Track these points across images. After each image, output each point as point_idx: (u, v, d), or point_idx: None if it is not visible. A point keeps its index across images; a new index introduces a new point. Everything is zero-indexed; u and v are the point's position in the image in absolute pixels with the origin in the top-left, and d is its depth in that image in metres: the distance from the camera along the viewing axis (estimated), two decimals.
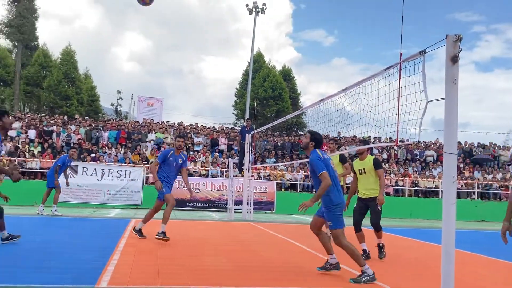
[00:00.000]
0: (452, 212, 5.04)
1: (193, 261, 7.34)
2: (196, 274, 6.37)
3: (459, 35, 5.06)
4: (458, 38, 5.07)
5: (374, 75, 7.14)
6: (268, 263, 7.49)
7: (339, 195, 6.52)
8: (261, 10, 35.78)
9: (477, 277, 7.20)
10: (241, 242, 9.95)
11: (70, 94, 37.40)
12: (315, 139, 6.78)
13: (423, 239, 11.95)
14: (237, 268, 7.02)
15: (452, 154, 5.08)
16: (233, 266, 7.12)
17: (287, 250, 9.01)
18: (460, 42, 5.09)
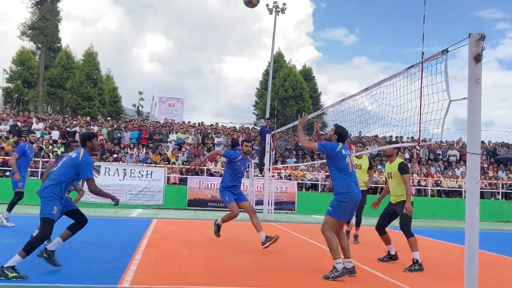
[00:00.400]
0: (476, 213, 4.97)
1: (214, 261, 7.37)
2: (217, 275, 6.39)
3: (482, 34, 4.98)
4: (481, 36, 4.99)
5: (396, 75, 7.08)
6: (289, 264, 7.48)
7: (349, 187, 6.43)
8: (281, 10, 35.71)
9: (502, 279, 7.08)
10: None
11: (92, 95, 37.84)
12: (339, 133, 6.82)
13: (446, 240, 11.80)
14: (258, 268, 7.02)
15: (476, 154, 5.01)
16: (254, 267, 7.13)
17: (308, 251, 8.99)
18: (483, 41, 5.02)
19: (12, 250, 6.10)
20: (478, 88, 5.04)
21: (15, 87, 40.94)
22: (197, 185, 19.35)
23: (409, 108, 6.90)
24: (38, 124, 22.62)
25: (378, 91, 8.05)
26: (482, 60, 5.02)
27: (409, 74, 6.66)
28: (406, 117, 7.18)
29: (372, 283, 6.37)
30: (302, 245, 9.75)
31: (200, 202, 19.08)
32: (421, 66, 6.14)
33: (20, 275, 5.57)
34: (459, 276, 5.43)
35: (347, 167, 6.53)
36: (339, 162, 6.50)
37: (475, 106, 5.02)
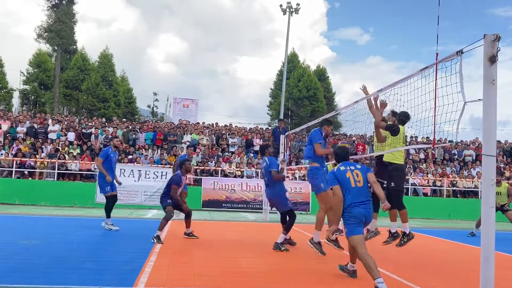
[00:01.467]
0: (492, 215, 4.93)
1: (229, 263, 7.39)
2: (231, 276, 6.41)
3: (497, 35, 4.93)
4: (497, 37, 4.94)
5: (410, 76, 7.04)
6: (303, 266, 7.47)
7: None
8: (295, 10, 35.67)
9: None
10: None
11: (107, 96, 38.16)
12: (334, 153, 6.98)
13: (462, 241, 11.70)
14: (272, 270, 7.03)
15: (491, 156, 4.96)
16: (268, 269, 7.14)
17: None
18: (498, 42, 4.97)
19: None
20: (494, 89, 4.99)
21: (32, 89, 41.46)
22: (211, 186, 19.40)
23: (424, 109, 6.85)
24: (54, 126, 22.84)
25: (392, 92, 8.01)
26: (498, 60, 4.97)
27: (423, 75, 6.61)
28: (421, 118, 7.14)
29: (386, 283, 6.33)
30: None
31: (215, 203, 19.12)
32: (436, 67, 6.09)
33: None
34: (474, 278, 5.38)
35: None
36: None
37: (490, 108, 4.97)
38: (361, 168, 6.48)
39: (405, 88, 7.35)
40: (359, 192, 6.26)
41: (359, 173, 6.38)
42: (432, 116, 6.27)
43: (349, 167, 6.43)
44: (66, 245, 8.64)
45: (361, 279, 6.54)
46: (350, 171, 6.37)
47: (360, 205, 6.17)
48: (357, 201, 6.18)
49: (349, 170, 6.38)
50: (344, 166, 6.45)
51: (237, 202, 19.33)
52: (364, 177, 6.36)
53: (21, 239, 8.99)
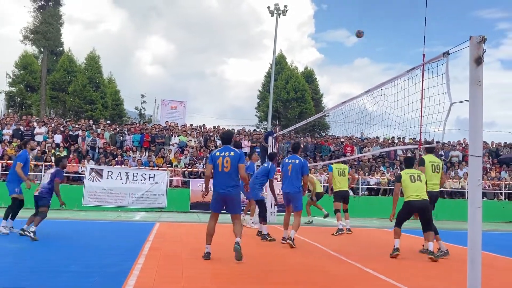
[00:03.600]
0: (478, 216, 4.97)
1: (218, 265, 7.37)
2: (220, 278, 6.40)
3: (483, 36, 4.98)
4: (482, 39, 4.99)
5: (397, 77, 7.09)
6: (291, 267, 7.48)
7: None
8: (282, 12, 35.69)
9: (504, 281, 7.06)
10: (265, 245, 9.95)
11: (94, 98, 37.93)
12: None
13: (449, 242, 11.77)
14: (261, 272, 7.02)
15: (477, 156, 5.01)
16: (257, 270, 7.13)
17: (311, 254, 8.97)
18: (484, 43, 5.02)
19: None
20: (480, 90, 5.04)
21: (18, 91, 41.09)
22: (200, 188, 19.33)
23: (411, 110, 6.91)
24: (40, 128, 22.65)
25: (379, 93, 8.07)
26: (484, 61, 5.02)
27: (410, 76, 6.67)
28: (407, 118, 7.20)
29: (374, 283, 6.37)
30: (305, 248, 9.74)
31: (203, 205, 19.01)
32: (422, 68, 6.14)
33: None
34: (461, 278, 5.42)
35: None
36: None
37: (476, 109, 5.02)
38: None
39: (392, 89, 7.42)
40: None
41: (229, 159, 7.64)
42: (419, 117, 6.32)
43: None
44: (53, 248, 8.57)
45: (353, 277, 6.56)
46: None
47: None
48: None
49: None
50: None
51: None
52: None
53: (7, 242, 8.90)
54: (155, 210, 18.70)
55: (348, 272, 7.20)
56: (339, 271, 7.17)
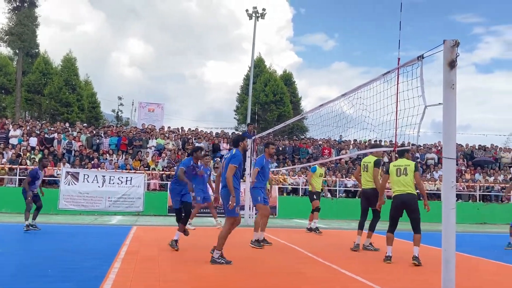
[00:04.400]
0: (452, 217, 5.05)
1: (195, 268, 7.34)
2: (197, 281, 6.37)
3: (456, 40, 5.07)
4: (456, 43, 5.08)
5: (373, 80, 7.16)
6: (271, 270, 7.48)
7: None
8: (261, 15, 35.83)
9: (478, 281, 7.18)
10: (243, 248, 9.93)
11: (71, 101, 37.44)
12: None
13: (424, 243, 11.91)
14: (240, 274, 7.02)
15: (451, 159, 5.09)
16: (235, 273, 7.12)
17: (289, 256, 8.99)
18: (457, 47, 5.11)
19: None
20: (453, 93, 5.13)
21: None
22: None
23: (387, 112, 6.98)
24: (15, 131, 22.29)
25: (356, 96, 8.14)
26: (459, 64, 5.11)
27: (386, 79, 6.74)
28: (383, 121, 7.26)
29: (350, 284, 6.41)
30: (283, 250, 9.76)
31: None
32: (397, 71, 6.22)
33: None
34: (436, 279, 5.49)
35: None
36: None
37: (450, 112, 5.10)
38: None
39: (368, 92, 7.48)
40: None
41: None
42: (394, 120, 6.39)
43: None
44: (28, 252, 8.44)
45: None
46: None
47: None
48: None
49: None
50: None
51: (205, 206, 19.17)
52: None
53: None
54: (132, 213, 18.53)
55: (324, 273, 7.24)
56: (315, 273, 7.20)
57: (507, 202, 23.20)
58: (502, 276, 7.71)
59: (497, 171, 25.57)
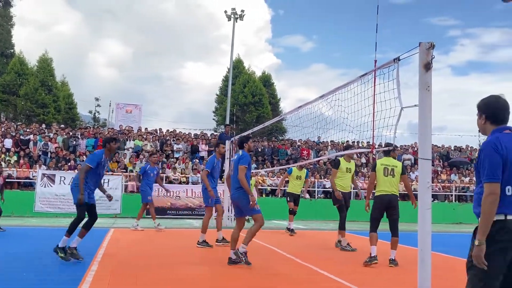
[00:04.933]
0: (428, 217, 5.12)
1: (173, 270, 7.30)
2: (175, 284, 6.34)
3: (432, 43, 5.14)
4: (431, 45, 5.16)
5: (350, 82, 7.22)
6: (248, 270, 7.48)
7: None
8: (239, 17, 35.86)
9: (454, 281, 7.27)
10: (222, 250, 9.92)
11: (47, 102, 36.92)
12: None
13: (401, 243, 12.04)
14: (217, 276, 7.01)
15: (427, 159, 5.16)
16: (213, 275, 7.11)
17: (268, 257, 9.01)
18: (433, 50, 5.18)
19: None
20: (429, 95, 5.20)
21: None
22: (155, 193, 19.03)
23: (365, 114, 7.04)
24: None
25: (334, 98, 8.19)
26: (435, 66, 5.19)
27: (363, 81, 6.80)
28: (361, 123, 7.33)
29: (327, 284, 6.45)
30: (262, 252, 9.77)
31: (159, 210, 18.77)
32: (374, 73, 6.28)
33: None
34: (412, 278, 5.56)
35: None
36: None
37: (425, 113, 5.17)
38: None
39: (346, 94, 7.54)
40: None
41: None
42: (371, 121, 6.45)
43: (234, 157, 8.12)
44: (4, 255, 8.28)
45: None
46: (232, 161, 8.16)
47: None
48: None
49: (232, 160, 8.14)
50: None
51: (182, 209, 19.13)
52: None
53: None
54: (110, 216, 18.33)
55: (301, 274, 7.27)
56: (294, 274, 7.23)
57: None
58: None
59: (473, 172, 25.97)
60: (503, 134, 3.47)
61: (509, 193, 3.33)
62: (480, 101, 3.66)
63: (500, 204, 3.30)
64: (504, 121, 3.55)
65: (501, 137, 3.44)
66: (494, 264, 3.24)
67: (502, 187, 3.33)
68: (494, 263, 3.24)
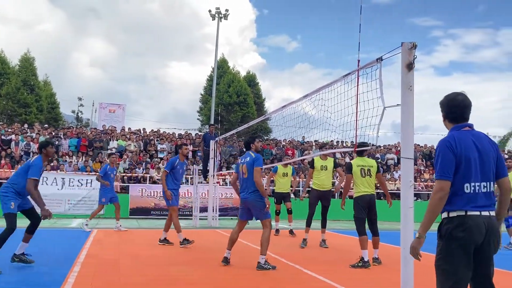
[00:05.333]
0: (410, 216, 5.16)
1: (156, 271, 7.26)
2: (159, 285, 6.30)
3: (414, 43, 5.18)
4: (413, 45, 5.19)
5: (333, 82, 7.25)
6: (230, 270, 7.47)
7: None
8: (224, 16, 35.80)
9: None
10: (206, 250, 9.89)
11: (29, 101, 36.54)
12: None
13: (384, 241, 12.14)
14: (202, 277, 6.98)
15: (409, 159, 5.19)
16: (197, 275, 7.08)
17: (252, 257, 8.99)
18: (415, 50, 5.22)
19: None
20: (411, 94, 5.24)
21: None
22: (139, 193, 18.99)
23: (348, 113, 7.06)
24: None
25: (318, 97, 8.21)
26: (418, 67, 5.23)
27: (346, 81, 6.83)
28: (344, 122, 7.35)
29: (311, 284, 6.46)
30: (247, 252, 9.76)
31: (143, 211, 18.72)
32: (357, 73, 6.30)
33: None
34: (396, 276, 5.59)
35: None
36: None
37: (408, 112, 5.21)
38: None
39: (330, 93, 7.56)
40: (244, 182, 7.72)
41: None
42: (354, 121, 6.47)
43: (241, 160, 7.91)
44: None
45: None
46: (241, 164, 7.86)
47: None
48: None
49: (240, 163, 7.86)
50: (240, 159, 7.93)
51: (166, 209, 18.95)
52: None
53: None
54: None
55: (286, 273, 7.28)
56: (278, 273, 7.23)
57: None
58: None
59: None
60: (460, 132, 3.50)
61: (468, 191, 3.40)
62: (443, 99, 3.65)
63: (459, 201, 3.41)
64: (462, 119, 3.55)
65: (457, 135, 3.47)
66: (457, 260, 3.38)
67: (460, 185, 3.41)
68: (456, 259, 3.39)
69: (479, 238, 3.33)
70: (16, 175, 7.59)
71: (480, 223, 3.35)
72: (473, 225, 3.35)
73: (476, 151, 3.42)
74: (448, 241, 3.39)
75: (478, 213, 3.37)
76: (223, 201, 19.21)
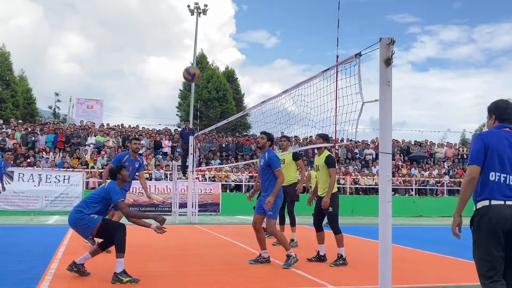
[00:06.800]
0: (388, 210, 5.21)
1: (136, 267, 7.20)
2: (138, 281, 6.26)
3: (392, 39, 5.22)
4: (391, 41, 5.23)
5: (313, 77, 7.27)
6: (211, 266, 7.46)
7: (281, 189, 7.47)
8: (202, 11, 35.60)
9: (414, 272, 7.44)
10: (186, 246, 9.87)
11: (4, 97, 35.94)
12: (271, 139, 7.74)
13: (364, 236, 12.27)
14: (182, 272, 6.96)
15: (387, 154, 5.24)
16: (177, 271, 7.06)
17: (232, 252, 9.01)
18: (393, 45, 5.26)
19: None
20: (389, 90, 5.28)
21: None
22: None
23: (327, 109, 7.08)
24: None
25: (297, 93, 8.22)
26: (396, 63, 5.28)
27: (325, 76, 6.85)
28: (324, 118, 7.37)
29: (292, 279, 6.49)
30: (226, 247, 9.76)
31: None
32: (336, 69, 6.33)
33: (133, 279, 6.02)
34: (374, 270, 5.65)
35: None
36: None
37: (386, 108, 5.26)
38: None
39: (309, 89, 7.58)
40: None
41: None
42: (334, 116, 6.50)
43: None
44: None
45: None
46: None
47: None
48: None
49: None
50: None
51: (146, 205, 18.88)
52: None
53: None
54: None
55: (268, 270, 7.29)
56: (259, 269, 7.24)
57: (441, 195, 24.29)
58: (435, 266, 8.04)
59: (432, 166, 26.65)
60: (499, 130, 3.78)
61: (492, 178, 3.62)
62: (490, 104, 3.96)
63: (485, 190, 3.63)
64: (508, 121, 3.84)
65: (493, 131, 3.79)
66: (486, 247, 3.55)
67: (486, 173, 3.64)
68: (486, 245, 3.55)
69: (506, 224, 3.52)
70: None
71: (504, 211, 3.54)
72: (496, 213, 3.54)
73: (508, 147, 3.67)
74: (477, 231, 3.64)
75: (502, 203, 3.58)
76: (202, 197, 19.17)
